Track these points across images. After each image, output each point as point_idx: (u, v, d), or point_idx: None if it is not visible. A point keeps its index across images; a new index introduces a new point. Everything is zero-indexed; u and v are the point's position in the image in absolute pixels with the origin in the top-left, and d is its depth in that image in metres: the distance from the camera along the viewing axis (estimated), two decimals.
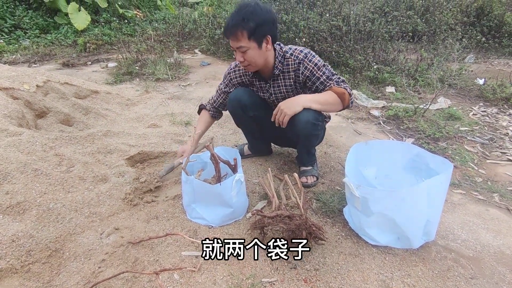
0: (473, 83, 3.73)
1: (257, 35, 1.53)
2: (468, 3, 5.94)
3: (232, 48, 1.59)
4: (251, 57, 1.57)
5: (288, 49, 1.69)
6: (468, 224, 1.64)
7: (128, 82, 3.73)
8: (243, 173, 1.61)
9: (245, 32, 1.50)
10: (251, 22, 1.49)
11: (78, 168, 1.79)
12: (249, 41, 1.52)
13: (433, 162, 1.51)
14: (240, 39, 1.51)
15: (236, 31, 1.50)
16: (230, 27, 1.51)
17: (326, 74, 1.64)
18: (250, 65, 1.62)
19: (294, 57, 1.66)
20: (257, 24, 1.50)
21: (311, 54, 1.66)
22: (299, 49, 1.68)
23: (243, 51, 1.55)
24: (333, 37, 4.36)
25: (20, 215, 1.44)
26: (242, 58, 1.58)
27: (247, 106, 1.80)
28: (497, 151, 2.37)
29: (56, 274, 1.29)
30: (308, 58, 1.65)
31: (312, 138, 1.77)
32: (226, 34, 1.57)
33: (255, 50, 1.56)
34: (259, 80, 1.81)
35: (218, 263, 1.36)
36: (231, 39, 1.55)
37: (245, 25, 1.48)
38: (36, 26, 5.43)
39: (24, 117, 2.03)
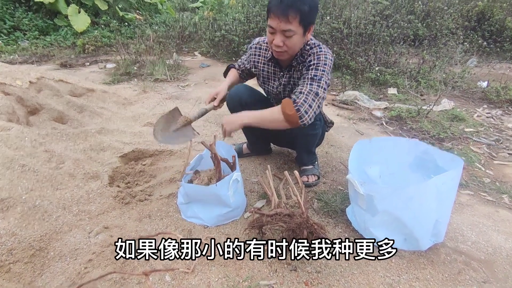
0: (476, 85, 3.67)
1: (307, 21, 1.37)
2: (469, 8, 5.93)
3: (274, 29, 1.39)
4: (293, 43, 1.42)
5: (312, 43, 1.53)
6: (478, 226, 1.56)
7: (126, 82, 3.67)
8: (240, 172, 1.53)
9: (298, 15, 1.32)
10: (306, 5, 1.32)
11: (69, 165, 1.71)
12: (299, 26, 1.36)
13: (441, 160, 1.44)
14: (291, 22, 1.34)
15: (289, 11, 1.31)
16: (284, 5, 1.31)
17: (315, 74, 1.47)
18: (287, 51, 1.45)
19: (311, 51, 1.51)
20: (311, 8, 1.34)
21: (325, 53, 1.51)
22: (321, 45, 1.54)
23: (289, 36, 1.38)
24: (334, 40, 4.32)
25: (3, 212, 1.36)
26: (282, 43, 1.41)
27: (247, 104, 1.70)
28: (504, 152, 2.30)
29: (38, 274, 1.20)
30: (318, 55, 1.49)
31: (310, 137, 1.69)
32: (275, 12, 1.34)
33: (300, 37, 1.41)
34: (274, 66, 1.67)
35: (213, 264, 1.28)
36: (279, 19, 1.34)
37: (301, 7, 1.31)
38: (35, 27, 5.40)
39: (14, 112, 1.95)
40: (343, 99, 3.21)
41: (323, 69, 1.47)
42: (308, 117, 1.43)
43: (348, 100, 3.17)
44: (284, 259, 1.30)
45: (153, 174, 1.85)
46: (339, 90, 3.53)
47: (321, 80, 1.45)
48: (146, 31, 5.41)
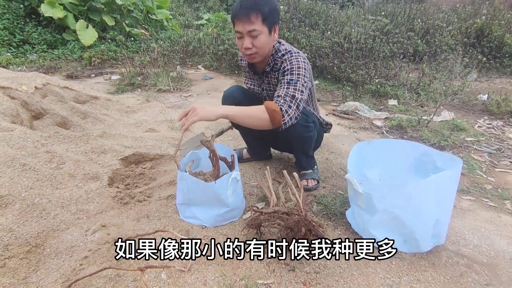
0: (476, 98, 3.69)
1: (269, 21, 1.46)
2: (468, 25, 6.05)
3: (240, 33, 1.47)
4: (261, 43, 1.48)
5: (283, 50, 1.60)
6: (480, 230, 1.53)
7: (130, 92, 3.73)
8: (239, 172, 1.53)
9: (259, 15, 1.42)
10: (266, 6, 1.42)
11: (69, 165, 1.72)
12: (262, 25, 1.44)
13: (440, 160, 1.43)
14: (254, 22, 1.42)
15: (250, 13, 1.41)
16: (244, 9, 1.41)
17: (290, 79, 1.50)
18: (258, 52, 1.51)
19: (283, 58, 1.58)
20: (271, 9, 1.44)
21: (296, 56, 1.56)
22: (292, 51, 1.59)
23: (255, 36, 1.46)
24: (334, 53, 4.40)
25: (2, 209, 1.36)
26: (251, 44, 1.48)
27: (241, 102, 1.72)
28: (506, 160, 2.28)
29: (33, 270, 1.19)
30: (290, 60, 1.54)
31: (305, 139, 1.70)
32: (238, 16, 1.44)
33: (266, 36, 1.48)
34: (253, 73, 1.76)
35: (210, 263, 1.26)
36: (243, 22, 1.43)
37: (260, 8, 1.41)
38: (44, 41, 5.55)
39: (18, 115, 1.99)
40: (344, 109, 3.23)
41: (298, 72, 1.51)
42: (289, 116, 1.45)
43: (349, 111, 3.19)
44: (284, 259, 1.28)
45: (153, 177, 1.85)
46: (340, 101, 3.56)
47: (297, 84, 1.49)
48: (151, 44, 5.55)
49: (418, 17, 6.39)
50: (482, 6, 8.08)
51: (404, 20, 6.23)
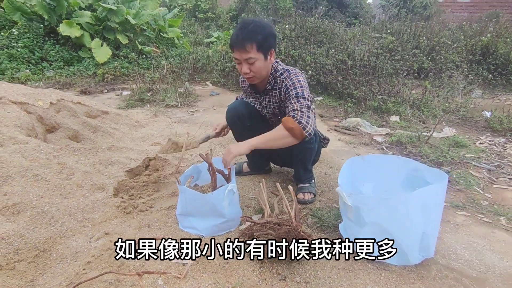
0: (480, 115, 3.71)
1: (264, 47, 1.59)
2: (473, 42, 6.10)
3: (238, 60, 1.62)
4: (257, 68, 1.62)
5: (281, 69, 1.73)
6: (472, 245, 1.55)
7: (139, 107, 3.89)
8: (236, 184, 1.61)
9: (254, 44, 1.55)
10: (259, 35, 1.56)
11: (78, 176, 1.83)
12: (257, 53, 1.58)
13: (430, 176, 1.48)
14: (249, 51, 1.56)
15: (245, 43, 1.55)
16: (240, 40, 1.55)
17: (296, 92, 1.62)
18: (255, 76, 1.66)
19: (282, 77, 1.70)
20: (264, 37, 1.57)
21: (295, 73, 1.69)
22: (289, 69, 1.72)
23: (251, 63, 1.59)
24: (338, 70, 4.50)
25: (14, 216, 1.46)
26: (248, 70, 1.62)
27: (244, 116, 1.85)
28: (505, 177, 2.30)
29: (40, 274, 1.28)
30: (290, 76, 1.67)
31: (307, 151, 1.78)
32: (234, 46, 1.59)
33: (262, 61, 1.62)
34: (255, 92, 1.88)
35: (205, 271, 1.32)
36: (239, 51, 1.58)
37: (254, 37, 1.55)
38: (61, 59, 5.84)
39: (34, 129, 2.13)
40: (346, 125, 3.30)
41: (300, 85, 1.64)
42: (311, 127, 1.58)
43: (350, 126, 3.25)
44: (284, 259, 1.31)
45: (156, 189, 1.94)
46: (342, 117, 3.63)
47: (304, 95, 1.62)
48: (162, 61, 5.77)
49: (423, 35, 6.48)
50: (489, 23, 8.16)
51: (410, 37, 6.32)
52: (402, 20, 9.57)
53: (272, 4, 13.16)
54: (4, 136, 1.84)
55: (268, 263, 1.36)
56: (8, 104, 2.14)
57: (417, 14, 14.36)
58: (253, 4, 13.29)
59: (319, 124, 3.44)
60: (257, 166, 2.17)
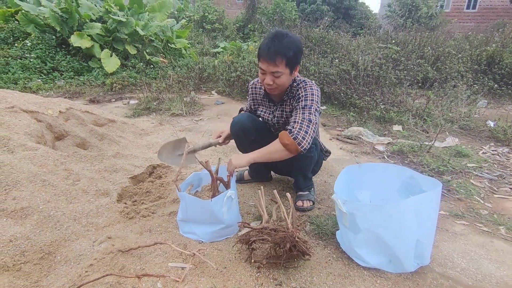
0: (484, 124, 3.70)
1: (292, 63, 1.61)
2: (479, 52, 6.10)
3: (264, 70, 1.62)
4: (282, 81, 1.64)
5: (299, 80, 1.76)
6: (470, 254, 1.56)
7: (145, 116, 3.98)
8: (235, 191, 1.65)
9: (284, 59, 1.57)
10: (291, 51, 1.57)
11: (84, 182, 1.89)
12: (285, 68, 1.60)
13: (425, 184, 1.51)
14: (278, 65, 1.58)
15: (276, 57, 1.56)
16: (272, 53, 1.56)
17: (305, 104, 1.66)
18: (277, 88, 1.68)
19: (298, 87, 1.74)
20: (295, 53, 1.59)
21: (310, 85, 1.72)
22: (306, 80, 1.75)
23: (277, 76, 1.61)
24: (342, 80, 4.55)
25: (22, 219, 1.52)
26: (272, 82, 1.63)
27: (250, 130, 1.87)
28: (506, 187, 2.29)
29: (44, 275, 1.32)
30: (305, 87, 1.71)
31: (306, 160, 1.81)
32: (265, 58, 1.58)
33: (287, 76, 1.64)
34: (268, 101, 1.90)
35: (203, 275, 1.36)
36: (268, 63, 1.58)
37: (286, 53, 1.56)
38: (71, 69, 6.02)
39: (43, 136, 2.21)
40: (348, 134, 3.33)
41: (312, 98, 1.67)
42: (306, 142, 1.61)
43: (353, 135, 3.28)
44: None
45: (158, 195, 1.99)
46: (345, 126, 3.66)
47: (311, 108, 1.65)
48: (168, 71, 5.90)
49: (428, 45, 6.51)
50: (495, 34, 8.16)
51: (415, 47, 6.36)
52: (408, 30, 9.64)
53: (278, 15, 13.37)
54: (15, 143, 1.92)
55: (265, 269, 1.39)
56: (19, 113, 2.23)
57: (423, 24, 14.42)
58: (260, 15, 13.52)
59: (321, 133, 3.47)
60: (258, 174, 2.21)
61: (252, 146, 1.97)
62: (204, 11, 13.72)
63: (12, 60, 5.61)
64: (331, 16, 16.20)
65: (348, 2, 19.48)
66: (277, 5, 14.02)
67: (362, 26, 16.31)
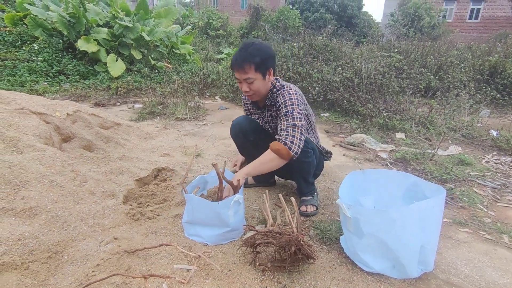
0: (486, 133, 3.72)
1: (262, 68, 1.72)
2: (481, 62, 6.14)
3: (239, 79, 1.77)
4: (256, 87, 1.76)
5: (278, 86, 1.84)
6: (473, 261, 1.57)
7: (150, 120, 4.02)
8: (243, 196, 1.67)
9: (252, 66, 1.69)
10: (257, 57, 1.69)
11: (90, 183, 1.91)
12: (255, 73, 1.72)
13: (428, 190, 1.52)
14: (247, 72, 1.70)
15: (244, 65, 1.69)
16: (239, 62, 1.70)
17: (286, 111, 1.72)
18: (255, 94, 1.80)
19: (277, 93, 1.82)
20: (262, 58, 1.71)
21: (288, 90, 1.79)
22: (284, 85, 1.83)
23: (250, 82, 1.73)
24: (345, 88, 4.58)
25: (30, 219, 1.54)
26: (248, 88, 1.76)
27: (248, 131, 1.96)
28: (509, 195, 2.30)
29: (52, 274, 1.34)
30: (283, 93, 1.78)
31: (304, 164, 1.84)
32: (234, 68, 1.74)
33: (260, 81, 1.75)
34: (257, 108, 2.01)
35: (208, 277, 1.37)
36: (239, 72, 1.72)
37: (252, 59, 1.68)
38: (77, 72, 6.09)
39: (51, 138, 2.24)
40: (351, 141, 3.35)
41: (291, 103, 1.74)
42: (296, 145, 1.66)
43: (356, 142, 3.30)
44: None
45: (163, 198, 2.01)
46: (348, 133, 3.68)
47: (293, 113, 1.72)
48: (173, 76, 5.96)
49: (431, 54, 6.56)
50: (497, 44, 8.21)
51: (417, 56, 6.41)
52: (410, 39, 9.71)
53: (281, 22, 13.51)
54: (24, 144, 1.95)
55: (269, 272, 1.41)
56: (28, 114, 2.26)
57: (425, 33, 14.53)
58: (263, 22, 13.66)
59: (324, 139, 3.49)
60: (262, 179, 2.23)
61: (251, 147, 2.02)
62: (209, 18, 13.89)
63: (20, 63, 5.69)
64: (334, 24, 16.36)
65: (351, 11, 19.66)
66: (281, 13, 14.18)
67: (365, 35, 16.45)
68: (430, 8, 16.31)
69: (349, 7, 19.66)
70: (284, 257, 1.40)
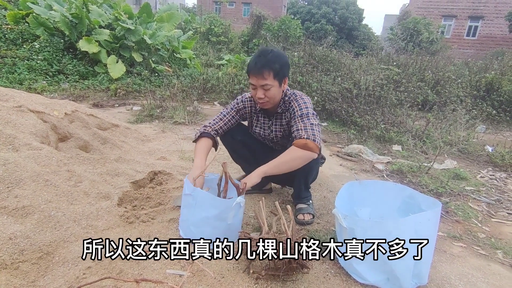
0: (482, 149, 3.75)
1: (280, 75, 1.72)
2: (478, 78, 6.23)
3: (254, 85, 1.73)
4: (272, 94, 1.74)
5: (289, 93, 1.87)
6: (467, 276, 1.56)
7: (148, 122, 4.01)
8: (244, 200, 1.65)
9: (271, 72, 1.68)
10: (277, 64, 1.69)
11: (85, 184, 1.90)
12: (273, 80, 1.71)
13: (424, 203, 1.52)
14: (266, 78, 1.68)
15: (263, 70, 1.67)
16: (259, 67, 1.67)
17: (301, 113, 1.75)
18: (269, 101, 1.78)
19: (290, 100, 1.85)
20: (281, 65, 1.71)
21: (301, 95, 1.84)
22: (296, 92, 1.87)
23: (267, 89, 1.71)
24: (343, 98, 4.62)
25: (23, 218, 1.52)
26: (263, 95, 1.74)
27: (233, 131, 1.97)
28: (504, 211, 2.31)
29: (42, 275, 1.32)
30: (296, 99, 1.83)
31: (311, 167, 1.83)
32: (253, 73, 1.70)
33: (277, 88, 1.75)
34: (263, 116, 1.98)
35: (200, 283, 1.35)
36: (257, 78, 1.69)
37: (272, 66, 1.67)
38: (77, 72, 6.09)
39: (48, 137, 2.23)
40: (348, 151, 3.36)
41: (306, 106, 1.78)
42: (319, 140, 1.69)
43: (353, 153, 3.31)
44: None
45: (158, 201, 1.99)
46: (345, 143, 3.70)
47: (308, 115, 1.75)
48: (173, 80, 5.97)
49: (429, 69, 6.65)
50: (494, 61, 8.34)
51: (416, 70, 6.49)
52: (409, 53, 9.84)
53: (282, 32, 13.64)
54: (20, 142, 1.93)
55: (263, 280, 1.39)
56: (26, 112, 2.25)
57: (424, 48, 14.74)
58: (265, 31, 13.79)
59: (321, 149, 3.50)
60: (258, 184, 2.21)
61: (243, 149, 2.03)
62: (211, 24, 14.00)
63: (19, 61, 5.68)
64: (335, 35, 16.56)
65: (352, 23, 19.92)
66: (283, 22, 14.34)
67: (364, 47, 16.65)
68: (429, 24, 16.58)
69: (350, 20, 19.97)
70: (278, 265, 1.39)
